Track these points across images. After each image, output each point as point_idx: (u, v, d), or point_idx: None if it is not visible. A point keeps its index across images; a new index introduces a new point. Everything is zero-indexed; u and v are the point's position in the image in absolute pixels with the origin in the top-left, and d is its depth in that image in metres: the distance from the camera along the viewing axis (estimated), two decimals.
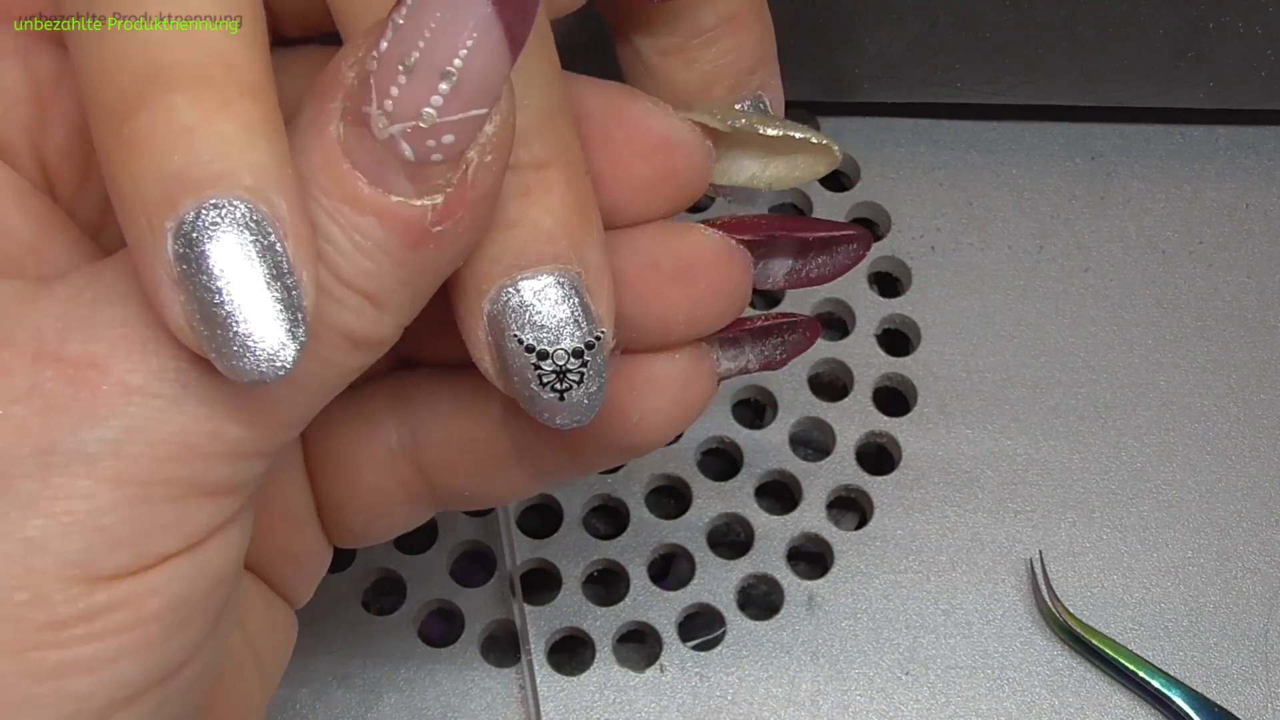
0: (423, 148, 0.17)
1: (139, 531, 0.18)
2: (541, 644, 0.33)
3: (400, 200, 0.17)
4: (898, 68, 0.37)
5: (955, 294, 0.37)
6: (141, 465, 0.17)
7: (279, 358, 0.17)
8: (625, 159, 0.21)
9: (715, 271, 0.22)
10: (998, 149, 0.39)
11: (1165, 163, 0.39)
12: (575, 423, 0.21)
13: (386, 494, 0.24)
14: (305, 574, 0.25)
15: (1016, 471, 0.35)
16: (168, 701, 0.19)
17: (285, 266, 0.17)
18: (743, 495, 0.35)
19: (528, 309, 0.19)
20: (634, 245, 0.21)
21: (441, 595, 0.34)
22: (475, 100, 0.17)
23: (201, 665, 0.19)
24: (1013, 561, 0.34)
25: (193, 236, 0.16)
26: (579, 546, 0.34)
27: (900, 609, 0.33)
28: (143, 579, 0.18)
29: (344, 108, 0.17)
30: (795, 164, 0.23)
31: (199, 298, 0.17)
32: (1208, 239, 0.38)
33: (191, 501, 0.18)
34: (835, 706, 0.32)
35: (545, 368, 0.20)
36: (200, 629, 0.19)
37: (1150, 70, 0.36)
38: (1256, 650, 0.33)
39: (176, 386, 0.18)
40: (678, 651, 0.33)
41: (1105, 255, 0.38)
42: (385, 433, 0.24)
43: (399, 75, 0.17)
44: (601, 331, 0.20)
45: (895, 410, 0.36)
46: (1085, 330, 0.37)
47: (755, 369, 0.24)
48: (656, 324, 0.22)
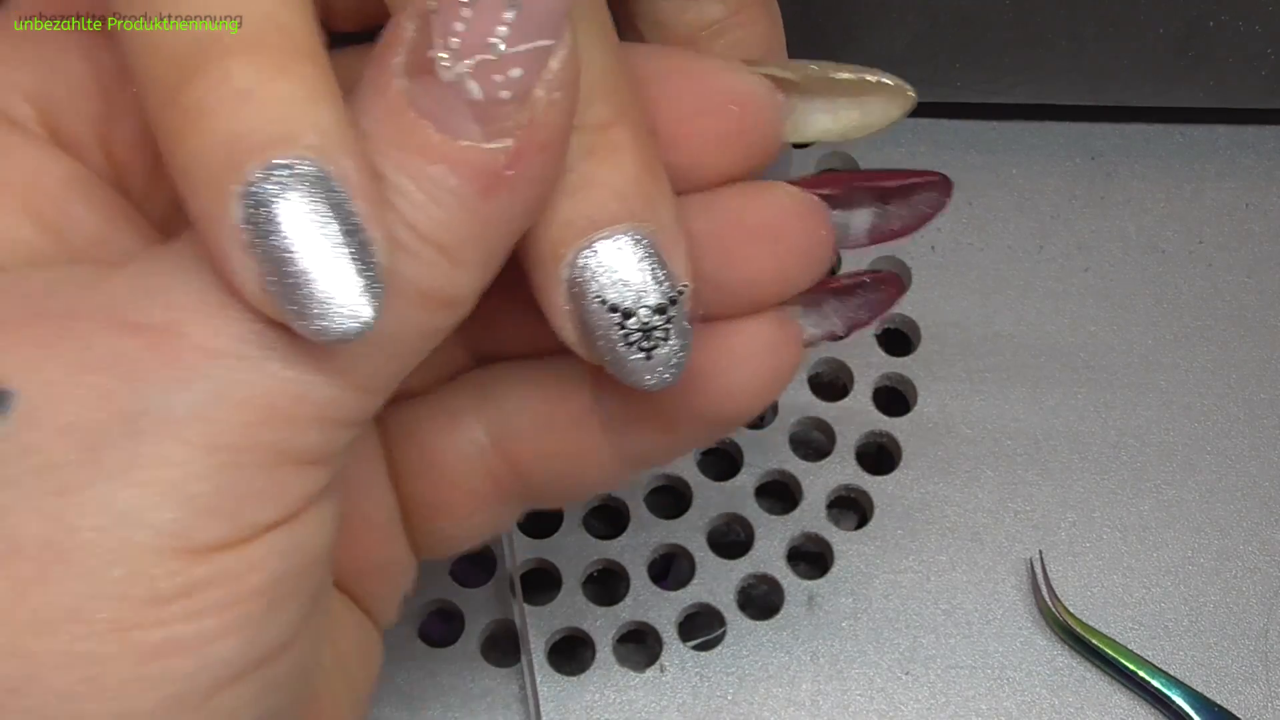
0: (490, 84, 0.17)
1: (233, 500, 0.17)
2: (541, 644, 0.33)
3: (470, 144, 0.17)
4: (897, 67, 0.36)
5: (955, 294, 0.37)
6: (231, 429, 0.17)
7: (360, 314, 0.17)
8: (695, 117, 0.21)
9: (799, 228, 0.22)
10: (998, 149, 0.39)
11: (1165, 163, 0.39)
12: (664, 382, 0.20)
13: (476, 492, 0.24)
14: (391, 588, 0.25)
15: (1016, 472, 0.35)
16: (268, 689, 0.18)
17: (357, 222, 0.16)
18: (743, 495, 0.35)
19: (607, 269, 0.19)
20: (714, 207, 0.21)
21: (441, 595, 0.34)
22: (542, 29, 0.17)
23: (300, 653, 0.19)
24: (1013, 561, 0.34)
25: (260, 199, 0.16)
26: (579, 546, 0.34)
27: (900, 609, 0.33)
28: (241, 552, 0.17)
29: (406, 61, 0.17)
30: (868, 109, 0.22)
31: (272, 259, 0.16)
32: (1208, 239, 0.38)
33: (283, 469, 0.18)
34: (835, 706, 0.32)
35: (631, 326, 0.20)
36: (298, 610, 0.19)
37: (1150, 70, 0.36)
38: (1256, 650, 0.33)
39: (258, 349, 0.17)
40: (678, 651, 0.33)
41: (1105, 255, 0.38)
42: (471, 429, 0.23)
43: (463, 9, 0.17)
44: (684, 286, 0.20)
45: (895, 410, 0.36)
46: (1085, 330, 0.37)
47: (842, 333, 0.24)
48: (743, 286, 0.22)
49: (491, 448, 0.23)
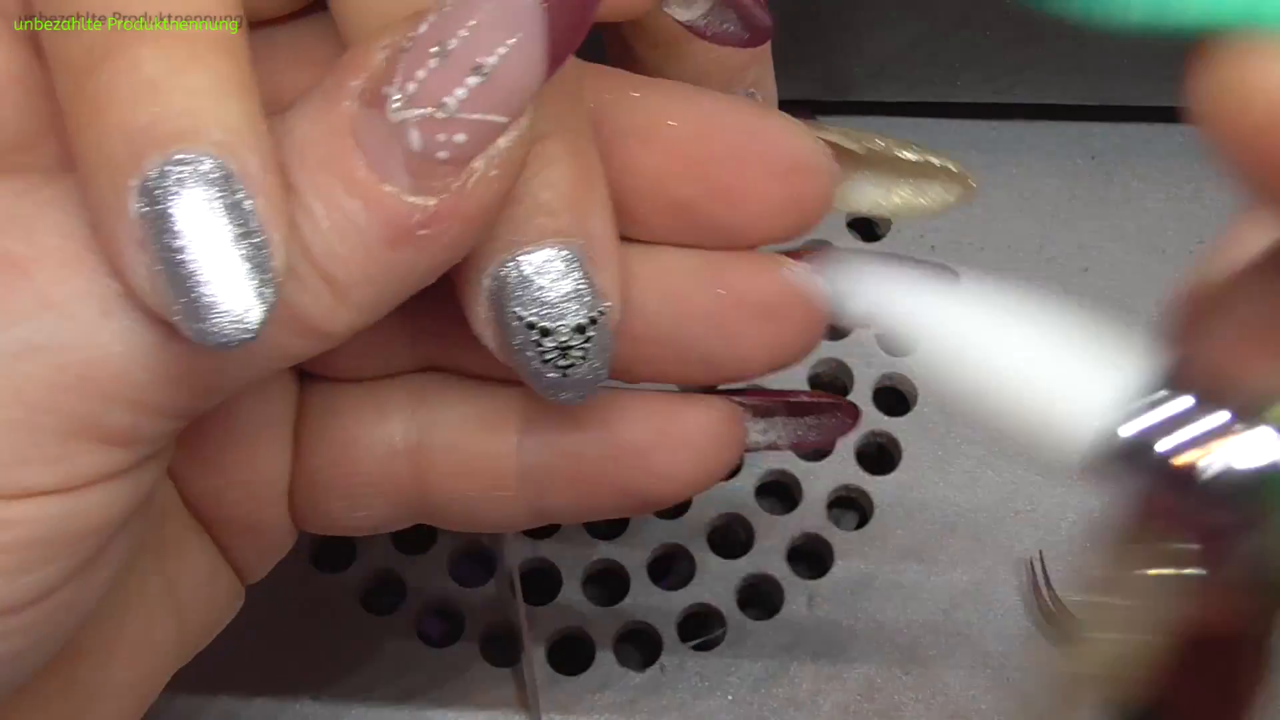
0: (432, 141, 0.17)
1: (13, 457, 0.17)
2: (541, 644, 0.33)
3: (393, 191, 0.17)
4: (897, 66, 0.37)
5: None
6: (34, 387, 0.17)
7: (245, 320, 0.16)
8: (757, 179, 0.20)
9: (800, 311, 0.21)
10: (998, 149, 0.39)
11: (1165, 162, 0.39)
12: (579, 399, 0.20)
13: (375, 488, 0.23)
14: (262, 550, 0.24)
15: (1017, 471, 0.35)
16: (9, 633, 0.18)
17: (254, 225, 0.16)
18: (743, 495, 0.35)
19: (528, 285, 0.19)
20: (721, 279, 0.21)
21: (441, 595, 0.34)
22: (499, 104, 0.17)
23: (58, 605, 0.18)
24: (1013, 561, 0.34)
25: (157, 194, 0.16)
26: (579, 546, 0.34)
27: (900, 609, 0.33)
28: (2, 506, 0.17)
29: (364, 87, 0.17)
30: (924, 192, 0.22)
31: (163, 257, 0.16)
32: (1208, 238, 0.38)
33: (79, 441, 0.17)
34: (835, 706, 0.32)
35: (547, 344, 0.19)
36: (60, 572, 0.18)
37: (1150, 69, 0.36)
38: None
39: (97, 313, 0.17)
40: (678, 651, 0.33)
41: (1105, 255, 0.38)
42: (392, 427, 0.23)
43: (430, 59, 0.16)
44: (606, 306, 0.19)
45: (895, 410, 0.36)
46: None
47: (784, 447, 0.23)
48: (735, 362, 0.21)
49: (404, 452, 0.23)
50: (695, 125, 0.21)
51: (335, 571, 0.34)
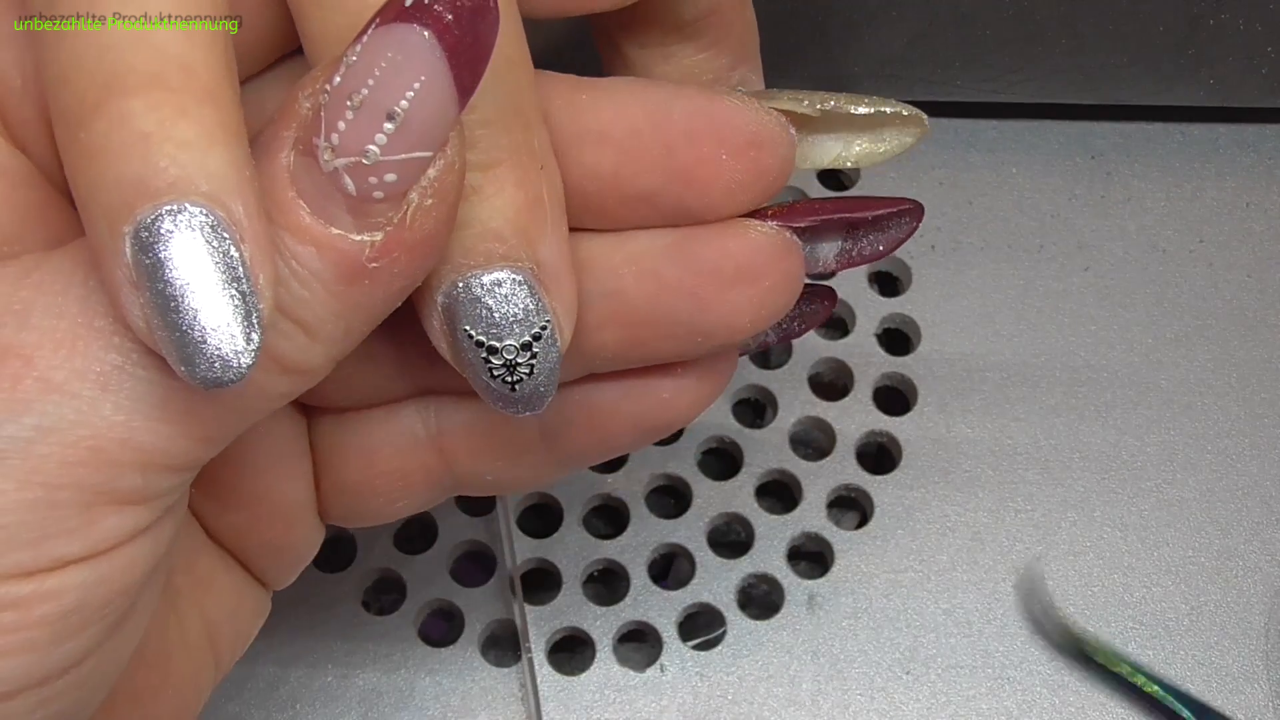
0: (365, 184, 0.17)
1: (39, 534, 0.17)
2: (541, 644, 0.33)
3: (339, 233, 0.18)
4: (897, 66, 0.37)
5: (955, 294, 0.37)
6: (50, 466, 0.17)
7: (234, 360, 0.17)
8: (716, 160, 0.21)
9: (775, 268, 0.22)
10: (998, 148, 0.39)
11: (1165, 162, 0.39)
12: (529, 412, 0.21)
13: (408, 480, 0.24)
14: (290, 562, 0.25)
15: (1017, 471, 0.35)
16: (48, 700, 0.19)
17: (242, 270, 0.17)
18: (743, 495, 0.35)
19: (477, 304, 0.20)
20: (691, 253, 0.21)
21: (441, 595, 0.34)
22: (418, 143, 0.17)
23: (94, 666, 0.19)
24: (1013, 561, 0.34)
25: (149, 241, 0.16)
26: (579, 546, 0.34)
27: (900, 609, 0.33)
28: (36, 581, 0.18)
29: (296, 137, 0.17)
30: (882, 138, 0.22)
31: (156, 301, 0.17)
32: (1208, 238, 0.38)
33: (98, 509, 0.18)
34: (835, 706, 0.32)
35: (495, 362, 0.20)
36: (94, 636, 0.19)
37: (1150, 68, 0.36)
38: (1257, 650, 0.33)
39: (95, 389, 0.18)
40: (678, 651, 0.33)
41: (1105, 255, 0.38)
42: (408, 419, 0.24)
43: (347, 111, 0.17)
44: (547, 321, 0.20)
45: (895, 410, 0.36)
46: (1085, 330, 0.37)
47: (774, 342, 0.24)
48: (722, 328, 0.22)
49: (428, 441, 0.24)
50: (648, 117, 0.21)
51: (336, 571, 0.34)
